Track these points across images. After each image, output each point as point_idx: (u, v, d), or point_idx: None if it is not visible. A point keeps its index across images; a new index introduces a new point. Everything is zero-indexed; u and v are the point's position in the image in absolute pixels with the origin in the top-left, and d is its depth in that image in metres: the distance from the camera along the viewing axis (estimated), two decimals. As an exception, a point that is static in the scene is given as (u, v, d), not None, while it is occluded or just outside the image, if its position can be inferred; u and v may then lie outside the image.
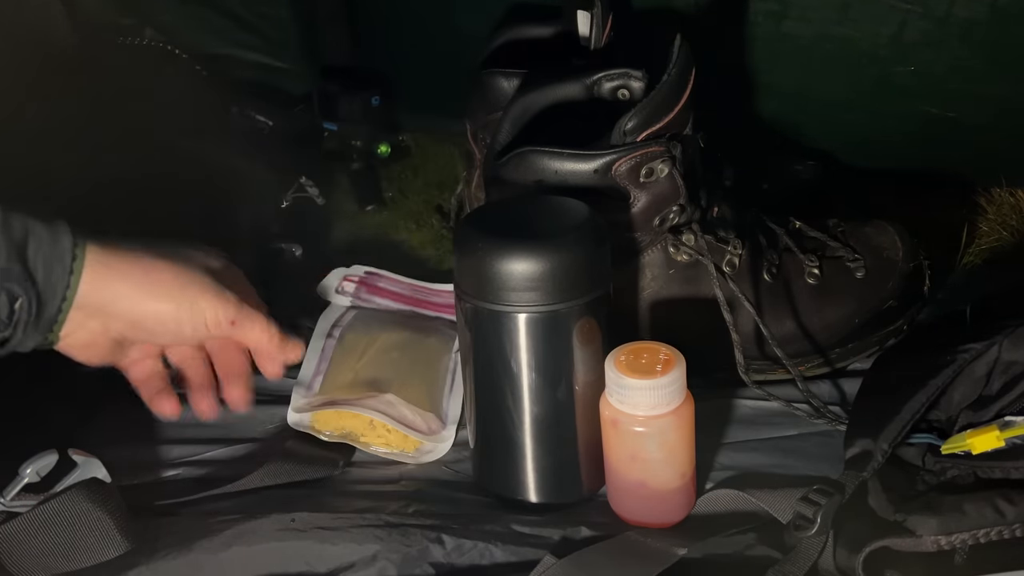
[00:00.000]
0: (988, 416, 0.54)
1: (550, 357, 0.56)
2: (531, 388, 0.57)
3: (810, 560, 0.51)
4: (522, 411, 0.58)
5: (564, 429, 0.58)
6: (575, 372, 0.57)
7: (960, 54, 0.73)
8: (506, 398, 0.58)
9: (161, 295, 0.52)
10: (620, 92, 0.65)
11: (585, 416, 0.58)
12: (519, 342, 0.56)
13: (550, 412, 0.58)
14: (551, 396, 0.57)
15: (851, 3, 0.72)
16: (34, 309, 0.48)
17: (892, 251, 0.71)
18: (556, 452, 0.59)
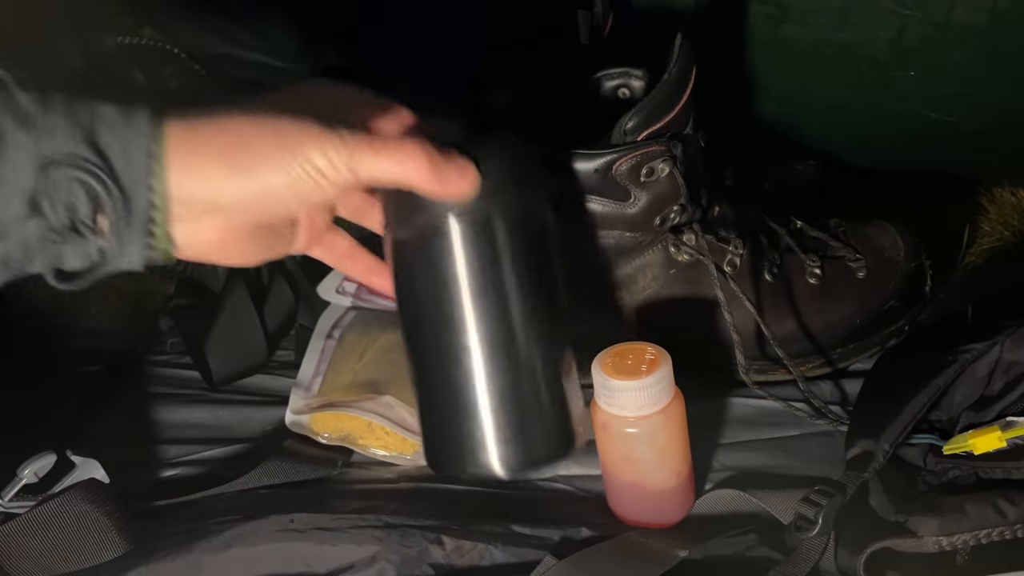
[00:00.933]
0: (990, 416, 0.54)
1: (489, 273, 0.47)
2: (474, 316, 0.47)
3: (811, 561, 0.51)
4: (466, 351, 0.47)
5: (518, 369, 0.48)
6: (522, 294, 0.48)
7: (960, 59, 0.73)
8: (443, 339, 0.48)
9: (260, 164, 0.42)
10: (620, 91, 0.65)
11: (545, 350, 0.49)
12: (454, 255, 0.46)
13: (498, 346, 0.47)
14: (496, 325, 0.47)
15: (850, 8, 0.72)
16: (119, 204, 0.40)
17: (893, 251, 0.71)
18: (513, 399, 0.48)
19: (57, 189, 0.39)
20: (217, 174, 0.41)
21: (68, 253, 0.41)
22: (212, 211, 0.43)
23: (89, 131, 0.39)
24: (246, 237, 0.45)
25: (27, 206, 0.39)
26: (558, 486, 0.63)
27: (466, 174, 0.45)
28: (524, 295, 0.48)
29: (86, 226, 0.40)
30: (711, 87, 0.63)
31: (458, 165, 0.45)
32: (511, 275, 0.47)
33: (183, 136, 0.41)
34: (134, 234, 0.41)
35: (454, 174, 0.44)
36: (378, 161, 0.43)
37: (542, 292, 0.48)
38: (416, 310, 0.49)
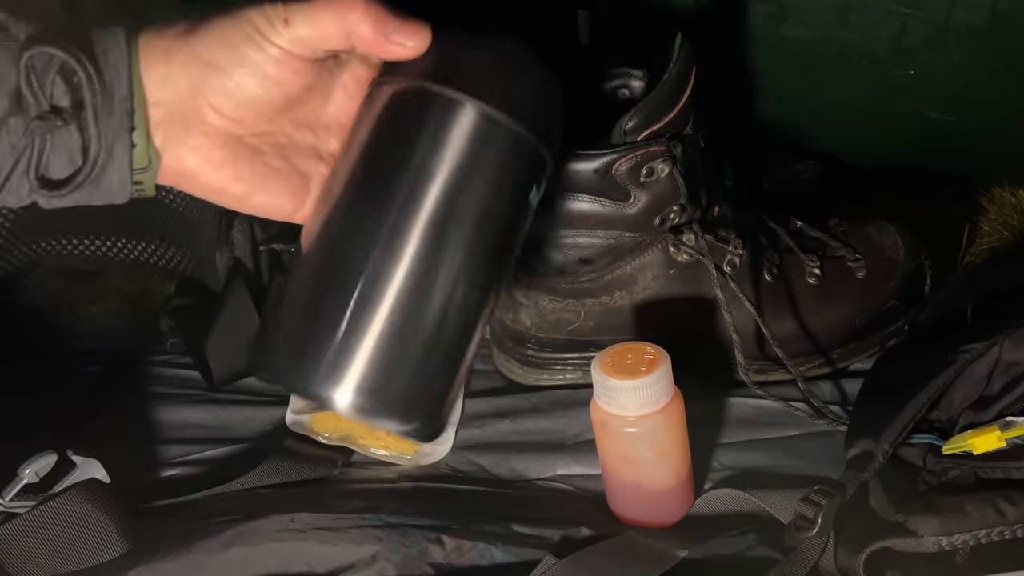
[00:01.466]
0: (989, 416, 0.54)
1: (472, 182, 0.42)
2: (426, 222, 0.41)
3: (811, 561, 0.51)
4: (384, 251, 0.41)
5: (428, 304, 0.41)
6: (485, 229, 0.42)
7: (960, 59, 0.73)
8: (360, 229, 0.41)
9: (217, 44, 0.42)
10: (620, 91, 0.65)
11: (467, 308, 0.43)
12: (445, 144, 0.41)
13: (420, 263, 0.41)
14: (431, 240, 0.41)
15: (850, 7, 0.72)
16: (97, 88, 0.40)
17: (893, 251, 0.71)
18: (403, 337, 0.41)
19: (37, 73, 0.40)
20: (179, 43, 0.42)
21: (52, 153, 0.41)
22: (189, 109, 0.42)
23: (66, 29, 0.40)
24: (236, 156, 0.44)
25: (9, 99, 0.40)
26: (558, 486, 0.63)
27: (415, 35, 0.42)
28: (477, 223, 0.42)
29: (68, 113, 0.40)
30: (711, 87, 0.63)
31: (408, 25, 0.42)
32: (479, 190, 0.42)
33: (156, 32, 0.42)
34: (115, 126, 0.41)
35: (402, 32, 0.42)
36: (314, 14, 0.42)
37: (494, 236, 0.43)
38: (352, 169, 0.43)
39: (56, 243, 0.78)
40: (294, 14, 0.42)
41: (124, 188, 0.42)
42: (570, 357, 0.69)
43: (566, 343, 0.69)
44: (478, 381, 0.72)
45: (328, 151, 0.47)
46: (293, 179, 0.46)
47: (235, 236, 0.75)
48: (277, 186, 0.45)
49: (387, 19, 0.42)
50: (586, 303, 0.66)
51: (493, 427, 0.67)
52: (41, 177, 0.41)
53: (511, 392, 0.70)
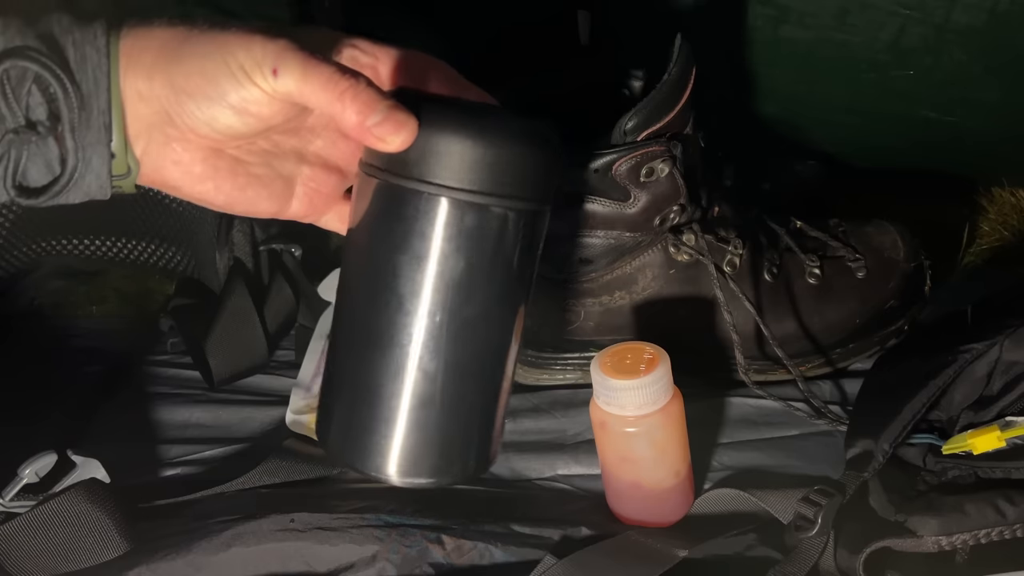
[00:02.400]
0: (989, 416, 0.54)
1: (468, 267, 0.42)
2: (434, 310, 0.42)
3: (811, 561, 0.51)
4: (414, 343, 0.43)
5: (465, 376, 0.44)
6: (495, 301, 0.44)
7: (959, 60, 0.73)
8: (394, 323, 0.43)
9: (199, 65, 0.40)
10: (620, 91, 0.65)
11: (494, 367, 0.45)
12: (432, 238, 0.42)
13: (450, 349, 0.43)
14: (458, 326, 0.43)
15: (849, 8, 0.72)
16: (74, 102, 0.39)
17: (893, 251, 0.71)
18: (441, 404, 0.44)
19: (12, 85, 0.39)
20: (158, 67, 0.41)
21: (29, 162, 0.40)
22: (157, 120, 0.41)
23: (45, 30, 0.39)
24: (208, 161, 0.43)
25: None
26: (558, 486, 0.63)
27: (399, 130, 0.40)
28: (493, 296, 0.43)
29: (44, 126, 0.40)
30: (711, 87, 0.63)
31: (395, 116, 0.40)
32: (487, 275, 0.43)
33: (137, 37, 0.41)
34: (93, 140, 0.40)
35: (385, 124, 0.40)
36: (306, 79, 0.40)
37: (507, 301, 0.44)
38: (363, 269, 0.44)
39: (56, 243, 0.78)
40: (284, 66, 0.40)
41: (103, 190, 0.42)
42: (570, 357, 0.69)
43: (566, 343, 0.69)
44: (478, 381, 0.72)
45: (312, 151, 0.47)
46: (276, 184, 0.46)
47: (235, 236, 0.75)
48: (259, 192, 0.45)
49: (373, 108, 0.40)
50: (586, 303, 0.66)
51: (493, 427, 0.67)
52: (19, 185, 0.41)
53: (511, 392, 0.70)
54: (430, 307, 0.42)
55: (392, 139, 0.40)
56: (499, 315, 0.44)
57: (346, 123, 0.40)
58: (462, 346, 0.43)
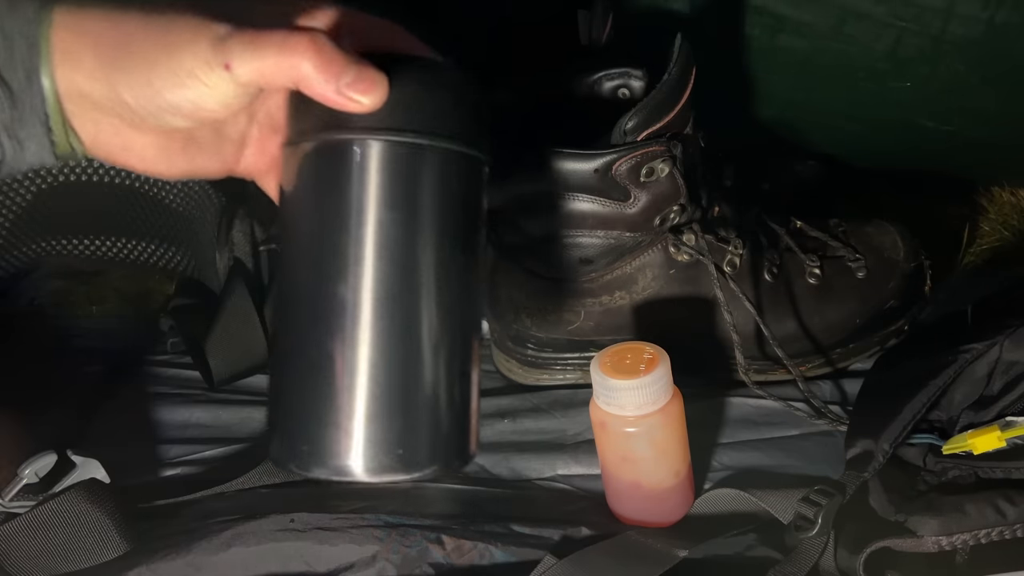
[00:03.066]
0: (989, 416, 0.54)
1: (408, 219, 0.39)
2: (374, 266, 0.39)
3: (811, 561, 0.51)
4: (353, 312, 0.39)
5: (415, 344, 0.40)
6: (438, 255, 0.40)
7: (956, 70, 0.73)
8: (323, 291, 0.39)
9: (139, 63, 0.38)
10: (620, 92, 0.65)
11: (452, 328, 0.41)
12: (369, 187, 0.39)
13: (396, 311, 0.39)
14: (399, 282, 0.39)
15: (846, 18, 0.72)
16: (5, 103, 0.38)
17: (893, 251, 0.71)
18: (400, 384, 0.39)
19: None
20: (101, 72, 0.38)
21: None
22: (105, 111, 0.40)
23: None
24: (159, 144, 0.41)
25: None
26: (558, 486, 0.63)
27: (373, 88, 0.38)
28: (440, 256, 0.40)
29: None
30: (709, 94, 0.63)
31: (366, 75, 0.38)
32: (431, 229, 0.40)
33: (70, 28, 0.38)
34: (31, 132, 0.39)
35: (358, 84, 0.38)
36: (258, 57, 0.37)
37: (460, 260, 0.41)
38: (298, 248, 0.41)
39: (56, 243, 0.78)
40: (236, 57, 0.37)
41: (46, 164, 0.41)
42: (570, 357, 0.69)
43: (566, 343, 0.69)
44: (478, 381, 0.72)
45: (263, 111, 0.45)
46: (226, 148, 0.44)
47: (235, 236, 0.75)
48: (210, 159, 0.44)
49: (341, 69, 0.38)
50: (586, 303, 0.66)
51: (493, 427, 0.67)
52: None
53: (511, 392, 0.70)
54: (374, 272, 0.39)
55: (363, 98, 0.38)
56: (448, 276, 0.40)
57: (315, 89, 0.38)
58: (412, 312, 0.39)
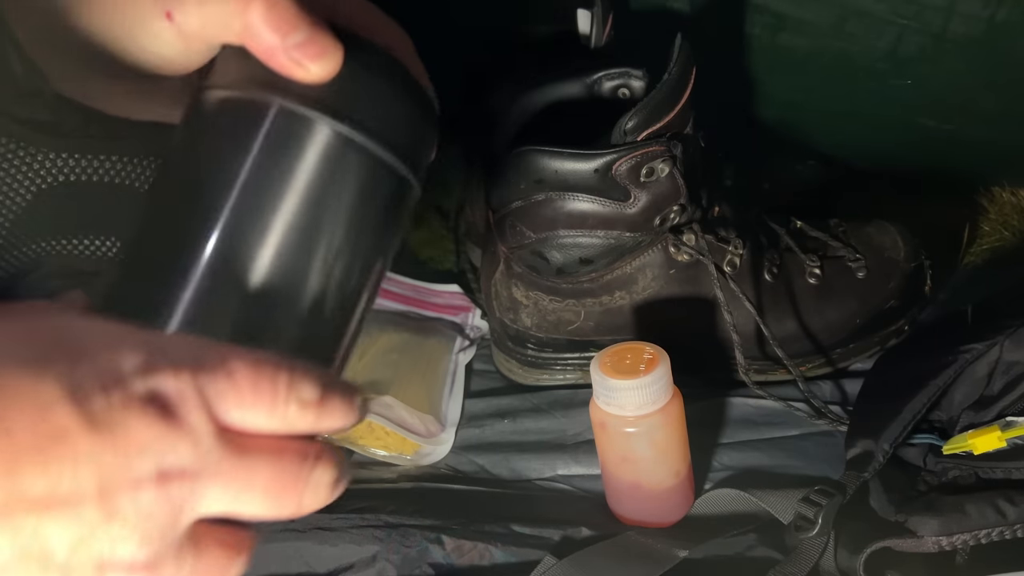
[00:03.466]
0: (989, 416, 0.54)
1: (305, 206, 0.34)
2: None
3: (811, 561, 0.51)
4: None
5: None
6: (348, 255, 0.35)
7: (957, 68, 0.73)
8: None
9: (83, 5, 0.35)
10: (620, 91, 0.65)
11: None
12: (281, 164, 0.34)
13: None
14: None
15: (847, 17, 0.72)
16: None
17: (893, 251, 0.71)
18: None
19: None
20: (52, 51, 0.36)
21: None
22: (76, 77, 0.38)
23: None
24: (137, 97, 0.40)
25: None
26: (558, 486, 0.63)
27: (324, 56, 0.33)
28: (326, 264, 0.35)
29: None
30: (709, 93, 0.63)
31: (319, 40, 0.33)
32: (326, 237, 0.35)
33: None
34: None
35: (308, 47, 0.33)
36: (202, 3, 0.33)
37: (346, 283, 0.36)
38: (170, 191, 0.35)
39: (56, 243, 0.78)
40: (178, 5, 0.33)
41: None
42: (570, 357, 0.69)
43: (566, 343, 0.69)
44: (478, 381, 0.72)
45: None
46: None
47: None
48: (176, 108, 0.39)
49: (293, 25, 0.33)
50: (586, 303, 0.66)
51: (493, 427, 0.67)
52: None
53: (511, 392, 0.70)
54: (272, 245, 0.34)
55: (312, 67, 0.33)
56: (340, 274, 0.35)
57: (260, 42, 0.33)
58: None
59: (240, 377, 0.29)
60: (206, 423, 0.28)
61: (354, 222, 0.35)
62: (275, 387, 0.30)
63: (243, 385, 0.29)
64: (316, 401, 0.31)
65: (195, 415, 0.28)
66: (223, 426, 0.29)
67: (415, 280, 0.80)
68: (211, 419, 0.29)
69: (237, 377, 0.29)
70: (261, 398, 0.29)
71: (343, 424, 0.32)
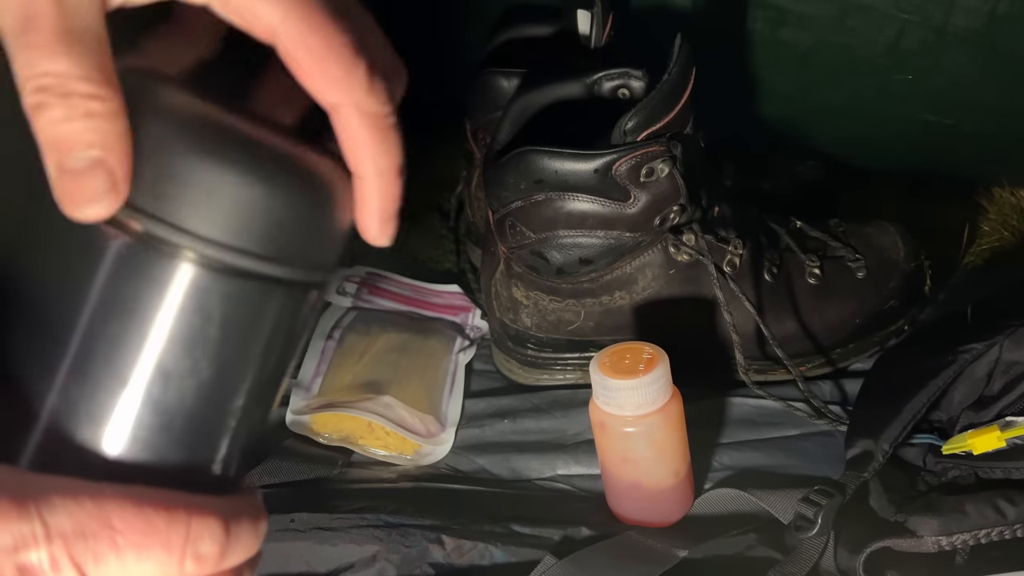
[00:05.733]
0: (989, 416, 0.54)
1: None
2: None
3: (811, 561, 0.51)
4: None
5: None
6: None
7: (958, 62, 0.73)
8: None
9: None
10: (620, 92, 0.65)
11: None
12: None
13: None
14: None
15: (848, 11, 0.72)
16: None
17: (893, 251, 0.71)
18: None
19: None
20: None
21: None
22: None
23: None
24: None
25: None
26: (558, 486, 0.63)
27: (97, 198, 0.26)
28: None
29: None
30: (710, 88, 0.63)
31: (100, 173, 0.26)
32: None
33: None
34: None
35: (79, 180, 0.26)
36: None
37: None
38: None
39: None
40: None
41: None
42: (570, 357, 0.69)
43: (566, 343, 0.69)
44: (478, 381, 0.72)
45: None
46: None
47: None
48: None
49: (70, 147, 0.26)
50: (586, 303, 0.66)
51: (493, 427, 0.67)
52: None
53: (511, 392, 0.70)
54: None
55: (82, 208, 0.26)
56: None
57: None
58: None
59: (123, 538, 0.25)
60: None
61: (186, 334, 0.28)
62: (168, 545, 0.26)
63: (126, 546, 0.25)
64: (218, 552, 0.27)
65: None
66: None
67: (415, 280, 0.80)
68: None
69: (119, 539, 0.25)
70: (148, 557, 0.26)
71: (247, 557, 0.30)
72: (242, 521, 0.29)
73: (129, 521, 0.26)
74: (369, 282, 0.79)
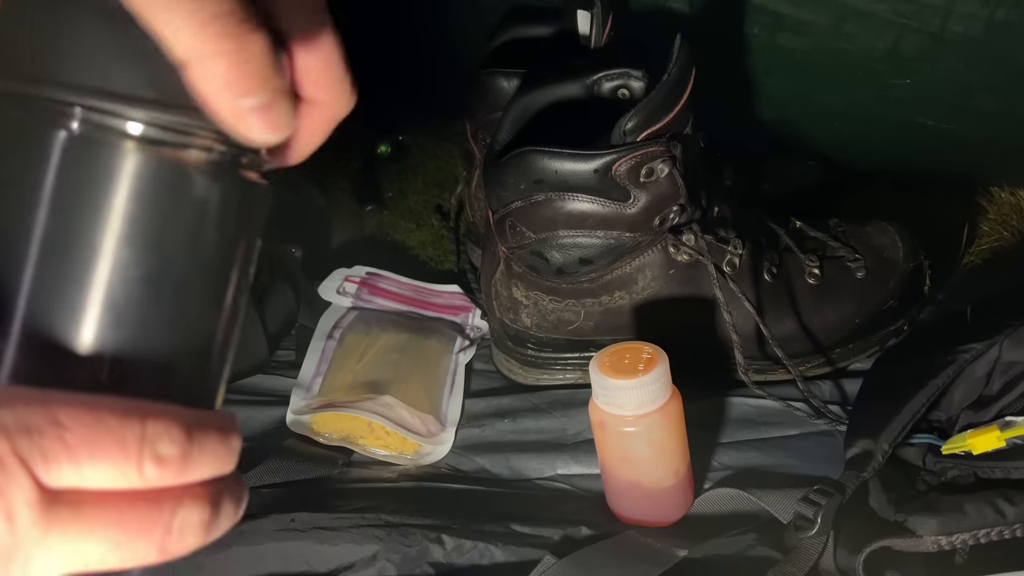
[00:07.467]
0: (988, 416, 0.54)
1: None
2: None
3: (810, 560, 0.51)
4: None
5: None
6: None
7: (956, 68, 0.73)
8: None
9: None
10: (620, 92, 0.65)
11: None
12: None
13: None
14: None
15: (846, 17, 0.72)
16: None
17: (893, 251, 0.71)
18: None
19: None
20: None
21: None
22: None
23: None
24: None
25: None
26: (558, 486, 0.63)
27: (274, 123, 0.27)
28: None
29: None
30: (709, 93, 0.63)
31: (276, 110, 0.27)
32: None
33: None
34: None
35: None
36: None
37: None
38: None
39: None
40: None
41: None
42: (570, 357, 0.70)
43: (566, 343, 0.69)
44: (478, 381, 0.72)
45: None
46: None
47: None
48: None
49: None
50: (586, 303, 0.66)
51: (493, 427, 0.67)
52: None
53: (511, 392, 0.70)
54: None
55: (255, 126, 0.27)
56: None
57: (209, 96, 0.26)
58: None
59: (72, 435, 0.25)
60: (25, 492, 0.24)
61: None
62: (122, 444, 0.25)
63: (76, 444, 0.25)
64: (179, 455, 0.26)
65: (11, 486, 0.24)
66: (52, 491, 0.25)
67: (415, 280, 0.81)
68: (34, 487, 0.24)
69: (68, 436, 0.24)
70: (102, 457, 0.25)
71: (218, 472, 0.28)
72: (208, 429, 0.27)
73: (77, 417, 0.25)
74: (369, 282, 0.79)
